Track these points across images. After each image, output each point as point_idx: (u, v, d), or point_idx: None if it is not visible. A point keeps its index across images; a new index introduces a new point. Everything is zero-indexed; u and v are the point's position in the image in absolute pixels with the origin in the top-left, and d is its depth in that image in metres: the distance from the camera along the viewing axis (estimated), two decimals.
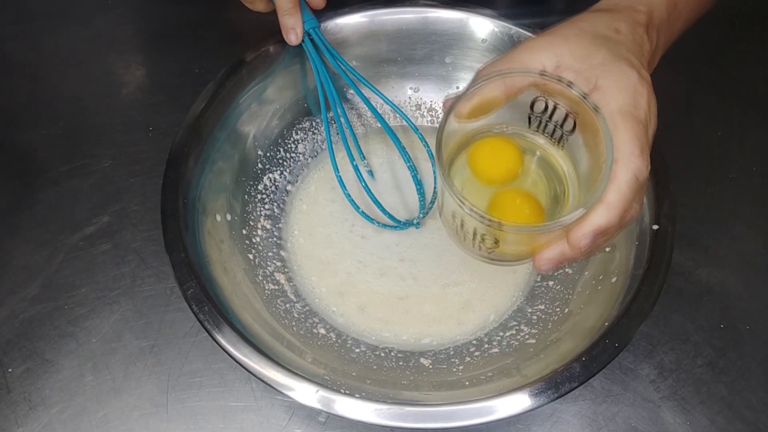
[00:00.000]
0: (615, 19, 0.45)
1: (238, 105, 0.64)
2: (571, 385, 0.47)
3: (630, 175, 0.39)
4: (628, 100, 0.41)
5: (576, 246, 0.40)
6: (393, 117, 0.72)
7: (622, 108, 0.41)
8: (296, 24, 0.62)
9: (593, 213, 0.39)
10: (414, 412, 0.46)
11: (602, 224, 0.39)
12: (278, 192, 0.68)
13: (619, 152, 0.40)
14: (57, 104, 0.76)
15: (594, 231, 0.39)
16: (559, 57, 0.43)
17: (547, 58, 0.43)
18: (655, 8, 0.47)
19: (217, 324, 0.50)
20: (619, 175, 0.39)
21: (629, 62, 0.43)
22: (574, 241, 0.40)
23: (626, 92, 0.41)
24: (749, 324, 0.62)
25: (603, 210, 0.39)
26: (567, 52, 0.43)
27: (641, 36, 0.46)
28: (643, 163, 0.40)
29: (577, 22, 0.45)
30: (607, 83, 0.42)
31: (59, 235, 0.67)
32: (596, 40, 0.43)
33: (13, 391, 0.59)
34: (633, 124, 0.40)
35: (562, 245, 0.41)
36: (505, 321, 0.60)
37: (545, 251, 0.42)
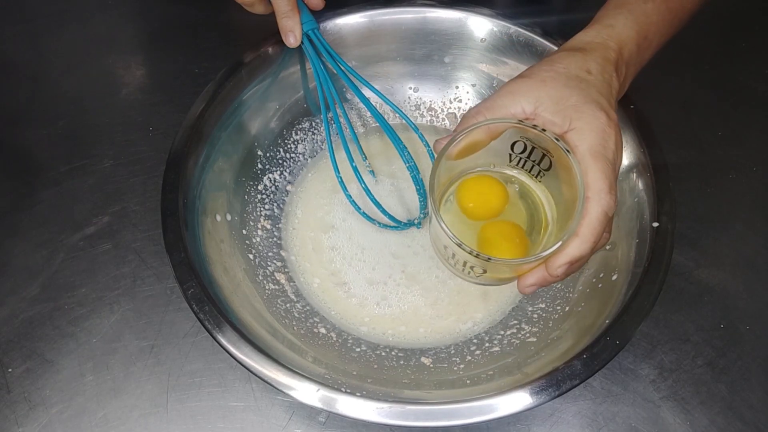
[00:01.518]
0: (587, 60, 0.50)
1: (238, 105, 0.64)
2: (572, 382, 0.47)
3: (600, 210, 0.44)
4: (599, 141, 0.45)
5: (553, 273, 0.45)
6: (393, 117, 0.72)
7: (592, 148, 0.45)
8: (294, 26, 0.62)
9: (568, 245, 0.44)
10: (415, 410, 0.46)
11: (576, 255, 0.44)
12: (278, 192, 0.68)
13: (590, 190, 0.44)
14: (57, 104, 0.76)
15: (569, 261, 0.44)
16: (537, 100, 0.47)
17: (526, 101, 0.48)
18: (625, 45, 0.52)
19: (217, 324, 0.50)
20: (591, 211, 0.44)
21: (599, 104, 0.47)
22: (552, 270, 0.45)
23: (596, 133, 0.45)
24: (749, 324, 0.62)
25: (577, 242, 0.44)
26: (544, 95, 0.47)
27: (610, 74, 0.50)
28: (611, 199, 0.44)
29: (553, 64, 0.49)
30: (580, 125, 0.46)
31: (59, 235, 0.67)
32: (570, 82, 0.48)
33: (13, 391, 0.59)
34: (602, 164, 0.45)
35: (542, 271, 0.46)
36: (506, 319, 0.60)
37: (527, 277, 0.46)
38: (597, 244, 0.45)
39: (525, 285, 0.47)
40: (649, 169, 0.57)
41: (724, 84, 0.77)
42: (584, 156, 0.45)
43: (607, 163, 0.45)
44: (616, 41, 0.51)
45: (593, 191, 0.44)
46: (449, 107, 0.73)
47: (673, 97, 0.75)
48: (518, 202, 0.51)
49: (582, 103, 0.47)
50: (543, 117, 0.47)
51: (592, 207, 0.44)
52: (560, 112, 0.47)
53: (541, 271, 0.46)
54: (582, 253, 0.44)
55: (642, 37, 0.53)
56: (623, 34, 0.52)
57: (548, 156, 0.47)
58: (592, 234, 0.44)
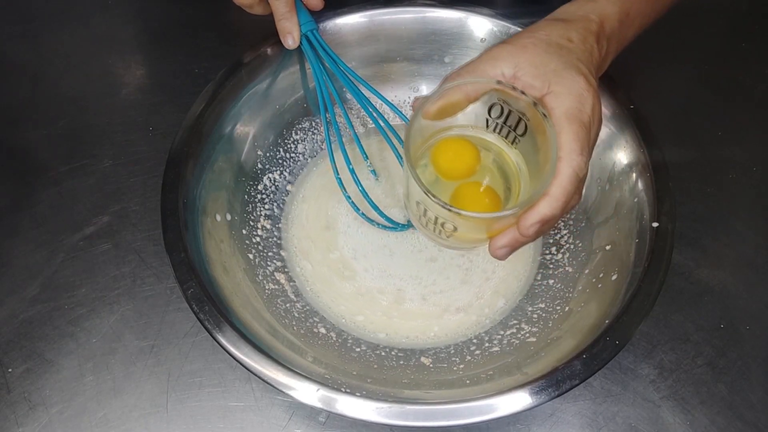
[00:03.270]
0: (568, 29, 0.50)
1: (238, 105, 0.64)
2: (572, 382, 0.47)
3: (571, 170, 0.44)
4: (575, 104, 0.46)
5: (525, 233, 0.45)
6: (393, 117, 0.72)
7: (568, 111, 0.46)
8: (293, 28, 0.62)
9: (540, 204, 0.45)
10: (415, 410, 0.46)
11: (547, 213, 0.44)
12: (278, 192, 0.68)
13: (562, 151, 0.45)
14: (57, 104, 0.76)
15: (540, 220, 0.44)
16: (517, 65, 0.48)
17: (506, 66, 0.48)
18: (607, 19, 0.52)
19: (217, 324, 0.50)
20: (562, 170, 0.45)
21: (578, 69, 0.48)
22: (524, 229, 0.45)
23: (573, 96, 0.46)
24: (749, 324, 0.62)
25: (547, 202, 0.44)
26: (524, 60, 0.48)
27: (591, 45, 0.51)
28: (582, 160, 0.45)
29: (535, 32, 0.50)
30: (558, 89, 0.47)
31: (59, 235, 0.67)
32: (550, 48, 0.49)
33: (13, 391, 0.59)
34: (576, 126, 0.45)
35: (513, 232, 0.46)
36: (506, 319, 0.60)
37: (498, 238, 0.47)
38: (567, 205, 0.46)
39: (497, 246, 0.47)
40: (649, 169, 0.57)
41: (724, 84, 0.77)
42: (559, 118, 0.46)
43: (582, 126, 0.46)
44: (598, 15, 0.52)
45: (565, 152, 0.45)
46: None
47: (673, 97, 0.75)
48: (493, 168, 0.52)
49: (561, 68, 0.47)
50: (522, 81, 0.47)
51: (563, 167, 0.44)
52: (540, 77, 0.47)
53: (512, 232, 0.46)
54: (553, 212, 0.44)
55: (624, 14, 0.53)
56: (606, 9, 0.52)
57: (524, 120, 0.48)
58: (563, 193, 0.44)
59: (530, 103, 0.46)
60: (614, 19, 0.52)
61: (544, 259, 0.64)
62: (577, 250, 0.61)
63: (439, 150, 0.51)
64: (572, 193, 0.45)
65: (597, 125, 0.48)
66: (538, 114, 0.45)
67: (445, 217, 0.46)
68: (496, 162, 0.52)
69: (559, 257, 0.63)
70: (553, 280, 0.61)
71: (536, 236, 0.46)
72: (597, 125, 0.48)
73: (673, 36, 0.79)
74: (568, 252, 0.62)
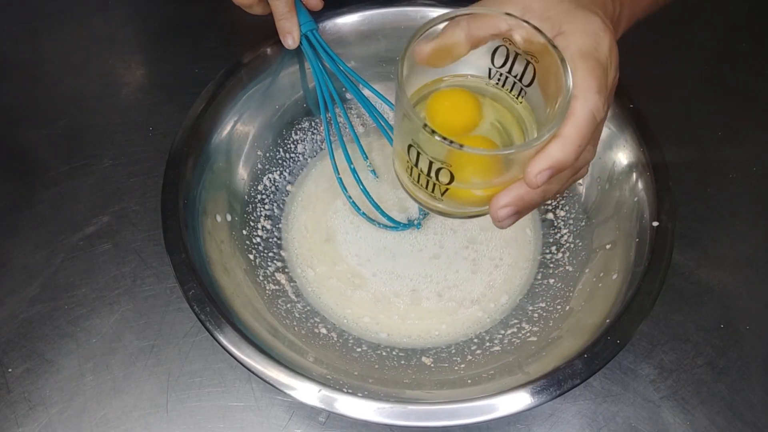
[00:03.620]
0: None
1: (238, 105, 0.64)
2: (573, 382, 0.47)
3: (587, 110, 0.39)
4: (590, 42, 0.41)
5: (533, 182, 0.39)
6: (393, 117, 0.72)
7: (582, 49, 0.41)
8: (293, 28, 0.62)
9: (551, 146, 0.39)
10: (416, 410, 0.46)
11: (560, 158, 0.39)
12: (278, 192, 0.68)
13: (577, 89, 0.40)
14: (57, 104, 0.76)
15: (551, 165, 0.39)
16: (525, 7, 0.43)
17: (513, 7, 0.43)
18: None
19: (218, 324, 0.50)
20: (577, 110, 0.39)
21: (592, 10, 0.43)
22: (532, 177, 0.39)
23: (588, 35, 0.42)
24: (749, 324, 0.62)
25: (560, 143, 0.39)
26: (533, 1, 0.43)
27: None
28: (600, 100, 0.40)
29: None
30: (570, 28, 0.42)
31: (59, 235, 0.67)
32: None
33: (13, 391, 0.59)
34: (592, 63, 0.41)
35: (518, 187, 0.41)
36: (506, 319, 0.60)
37: (502, 194, 0.41)
38: (581, 152, 0.40)
39: (499, 205, 0.41)
40: (649, 169, 0.57)
41: (724, 84, 0.77)
42: (573, 57, 0.40)
43: (598, 64, 0.41)
44: None
45: (580, 90, 0.40)
46: None
47: (673, 97, 0.75)
48: (496, 125, 0.46)
49: (574, 8, 0.43)
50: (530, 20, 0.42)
51: (578, 106, 0.39)
52: (550, 18, 0.42)
53: (517, 186, 0.41)
54: (566, 158, 0.39)
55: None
56: None
57: (533, 63, 0.42)
58: (578, 136, 0.39)
59: (541, 39, 0.40)
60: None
61: (544, 258, 0.64)
62: (578, 249, 0.62)
63: (435, 101, 0.45)
64: (588, 138, 0.40)
65: (615, 71, 0.43)
66: (550, 51, 0.40)
67: (441, 159, 0.40)
68: (498, 118, 0.46)
69: (559, 256, 0.63)
70: (553, 280, 0.61)
71: (544, 195, 0.41)
72: (615, 71, 0.43)
73: (673, 36, 0.79)
74: (569, 251, 0.62)
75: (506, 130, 0.46)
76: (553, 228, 0.65)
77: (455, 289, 0.63)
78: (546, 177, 0.39)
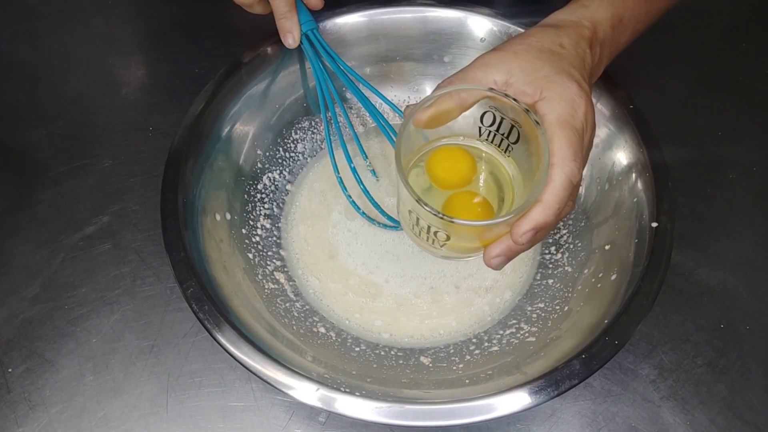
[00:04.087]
0: (560, 35, 0.50)
1: (237, 104, 0.64)
2: (571, 382, 0.47)
3: (564, 177, 0.44)
4: (567, 110, 0.46)
5: (518, 241, 0.44)
6: (392, 117, 0.72)
7: (560, 117, 0.45)
8: (293, 27, 0.62)
9: (532, 211, 0.44)
10: (414, 410, 0.46)
11: (540, 221, 0.44)
12: (278, 191, 0.68)
13: (555, 157, 0.44)
14: (57, 104, 0.76)
15: (534, 227, 0.44)
16: (509, 72, 0.48)
17: (498, 73, 0.48)
18: (599, 25, 0.52)
19: (216, 323, 0.50)
20: (555, 177, 0.44)
21: (570, 75, 0.47)
22: (517, 237, 0.44)
23: (566, 103, 0.46)
24: (749, 324, 0.62)
25: (540, 208, 0.44)
26: (516, 66, 0.48)
27: (584, 50, 0.50)
28: (575, 166, 0.44)
29: (526, 38, 0.50)
30: (550, 94, 0.46)
31: (59, 235, 0.67)
32: (542, 54, 0.48)
33: (13, 391, 0.59)
34: (569, 132, 0.45)
35: (507, 240, 0.45)
36: (505, 319, 0.60)
37: (492, 247, 0.46)
38: (561, 212, 0.45)
39: (491, 256, 0.46)
40: (649, 169, 0.57)
41: (724, 84, 0.77)
42: (551, 124, 0.45)
43: (575, 132, 0.45)
44: (590, 21, 0.52)
45: (558, 158, 0.44)
46: None
47: (673, 97, 0.75)
48: (487, 177, 0.52)
49: (553, 74, 0.47)
50: (515, 87, 0.47)
51: (556, 173, 0.44)
52: (532, 83, 0.47)
53: (506, 240, 0.45)
54: (546, 220, 0.44)
55: (617, 20, 0.53)
56: (597, 15, 0.52)
57: (516, 127, 0.47)
58: (556, 200, 0.44)
59: (522, 110, 0.45)
60: (607, 25, 0.52)
61: (543, 258, 0.64)
62: (577, 249, 0.61)
63: (435, 158, 0.51)
64: (565, 200, 0.45)
65: (590, 131, 0.48)
66: (530, 121, 0.45)
67: (437, 225, 0.45)
68: (489, 171, 0.52)
69: (558, 257, 0.63)
70: (552, 280, 0.61)
71: (530, 244, 0.46)
72: (590, 131, 0.48)
73: (673, 36, 0.79)
74: (568, 252, 0.62)
75: (497, 182, 0.51)
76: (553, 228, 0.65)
77: (471, 278, 0.63)
78: (530, 237, 0.44)
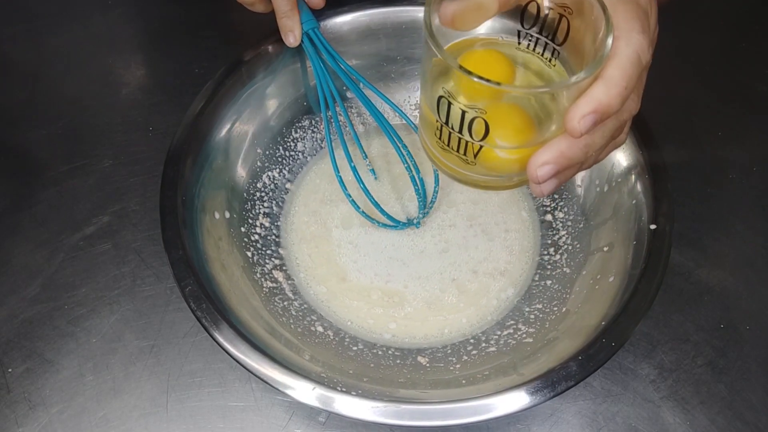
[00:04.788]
0: None
1: (237, 103, 0.64)
2: (567, 384, 0.47)
3: (632, 50, 0.37)
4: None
5: (575, 128, 0.35)
6: (393, 116, 0.72)
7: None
8: (294, 26, 0.62)
9: (593, 88, 0.36)
10: (411, 410, 0.46)
11: (603, 101, 0.35)
12: (277, 190, 0.68)
13: (619, 29, 0.37)
14: (57, 104, 0.76)
15: (595, 108, 0.35)
16: None
17: None
18: None
19: (214, 322, 0.50)
20: (621, 50, 0.36)
21: None
22: (575, 123, 0.35)
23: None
24: (749, 324, 0.62)
25: (603, 85, 0.36)
26: None
27: None
28: (645, 40, 0.37)
29: None
30: None
31: (59, 235, 0.67)
32: None
33: (13, 391, 0.59)
34: (633, 6, 0.38)
35: (558, 141, 0.37)
36: (503, 320, 0.60)
37: (540, 152, 0.38)
38: (626, 96, 0.37)
39: (538, 163, 0.37)
40: (648, 171, 0.57)
41: (724, 84, 0.77)
42: (612, 2, 0.37)
43: (639, 6, 0.38)
44: None
45: (623, 30, 0.37)
46: None
47: (673, 97, 0.75)
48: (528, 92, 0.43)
49: None
50: None
51: (622, 46, 0.36)
52: None
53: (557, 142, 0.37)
54: (609, 101, 0.35)
55: None
56: None
57: (566, 16, 0.39)
58: (623, 77, 0.36)
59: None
60: None
61: (542, 259, 0.64)
62: (575, 251, 0.61)
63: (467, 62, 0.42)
64: (633, 81, 0.37)
65: (654, 16, 0.40)
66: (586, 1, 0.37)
67: (476, 107, 0.37)
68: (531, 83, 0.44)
69: (557, 258, 0.63)
70: (550, 281, 0.61)
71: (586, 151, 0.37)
72: (654, 16, 0.40)
73: (673, 36, 0.79)
74: (566, 253, 0.62)
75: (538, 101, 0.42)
76: (552, 230, 0.65)
77: (486, 262, 0.64)
78: (590, 123, 0.36)
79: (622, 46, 0.37)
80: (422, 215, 0.65)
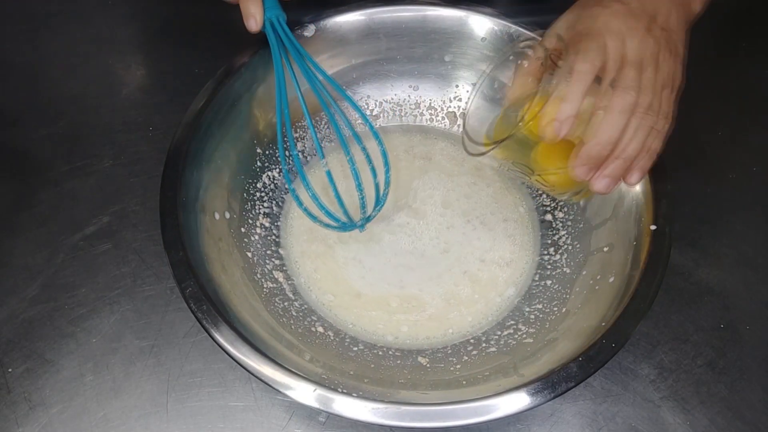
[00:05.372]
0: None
1: (237, 103, 0.64)
2: (567, 385, 0.47)
3: (594, 44, 0.50)
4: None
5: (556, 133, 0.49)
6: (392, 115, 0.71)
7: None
8: (256, 11, 0.61)
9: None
10: (411, 411, 0.46)
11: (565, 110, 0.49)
12: (277, 190, 0.68)
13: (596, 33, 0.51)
14: (57, 104, 0.76)
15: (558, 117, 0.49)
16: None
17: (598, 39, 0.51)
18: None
19: (215, 322, 0.49)
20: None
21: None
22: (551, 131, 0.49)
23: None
24: (749, 324, 0.62)
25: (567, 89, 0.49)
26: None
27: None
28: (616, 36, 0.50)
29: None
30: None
31: (59, 235, 0.67)
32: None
33: (13, 391, 0.59)
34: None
35: (580, 147, 0.50)
36: (503, 320, 0.60)
37: (570, 159, 0.50)
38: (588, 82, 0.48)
39: (572, 168, 0.50)
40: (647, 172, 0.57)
41: (724, 84, 0.77)
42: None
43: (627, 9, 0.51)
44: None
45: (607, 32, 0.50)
46: (449, 106, 0.73)
47: None
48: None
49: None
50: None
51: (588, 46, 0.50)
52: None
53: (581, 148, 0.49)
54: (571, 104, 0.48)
55: None
56: None
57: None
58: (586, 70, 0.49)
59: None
60: None
61: (542, 260, 0.64)
62: (575, 251, 0.61)
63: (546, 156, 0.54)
64: (591, 72, 0.48)
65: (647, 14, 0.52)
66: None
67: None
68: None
69: (557, 258, 0.63)
70: (550, 281, 0.61)
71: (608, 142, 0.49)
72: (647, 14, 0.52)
73: None
74: (566, 253, 0.62)
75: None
76: (552, 229, 0.65)
77: (492, 251, 0.65)
78: (561, 127, 0.48)
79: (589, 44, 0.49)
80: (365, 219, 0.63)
